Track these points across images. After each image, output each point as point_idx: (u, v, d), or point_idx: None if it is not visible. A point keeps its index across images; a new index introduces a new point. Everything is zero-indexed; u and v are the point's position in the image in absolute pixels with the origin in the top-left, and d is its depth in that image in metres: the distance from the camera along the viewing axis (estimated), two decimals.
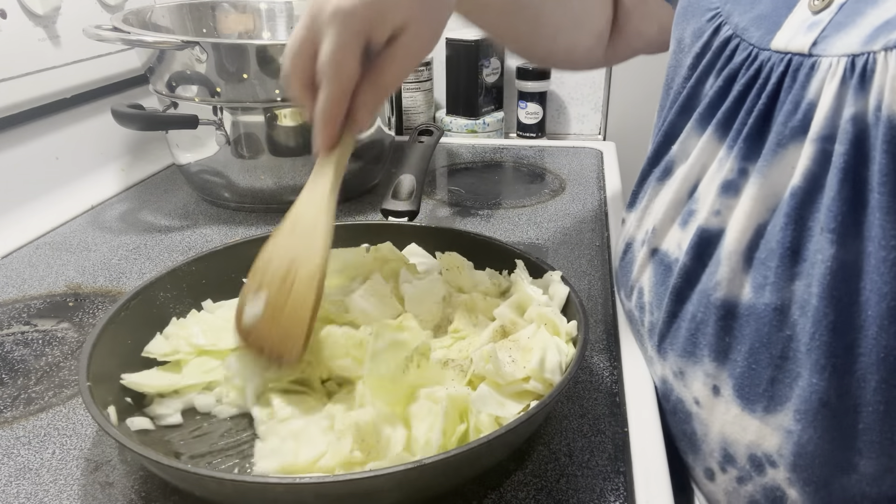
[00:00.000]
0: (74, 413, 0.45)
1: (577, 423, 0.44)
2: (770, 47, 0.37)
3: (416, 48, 0.43)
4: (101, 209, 0.79)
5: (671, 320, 0.42)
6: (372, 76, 0.42)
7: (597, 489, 0.39)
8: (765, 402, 0.37)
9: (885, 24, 0.31)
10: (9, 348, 0.52)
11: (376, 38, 0.41)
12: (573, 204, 0.79)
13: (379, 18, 0.40)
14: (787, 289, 0.35)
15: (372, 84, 0.43)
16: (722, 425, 0.40)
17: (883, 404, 0.33)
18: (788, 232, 0.35)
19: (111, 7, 0.88)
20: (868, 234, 0.32)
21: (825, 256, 0.33)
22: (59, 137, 0.81)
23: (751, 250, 0.37)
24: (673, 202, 0.43)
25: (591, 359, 0.51)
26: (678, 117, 0.44)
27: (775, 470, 0.37)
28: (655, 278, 0.44)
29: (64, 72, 0.80)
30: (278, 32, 0.91)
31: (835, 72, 0.33)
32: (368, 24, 0.40)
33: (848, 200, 0.32)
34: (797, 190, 0.34)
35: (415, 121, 1.09)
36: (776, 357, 0.36)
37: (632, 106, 1.14)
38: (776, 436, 0.36)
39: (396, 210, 0.62)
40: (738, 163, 0.38)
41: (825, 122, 0.33)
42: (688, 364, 0.41)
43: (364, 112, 0.43)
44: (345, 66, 0.41)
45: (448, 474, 0.36)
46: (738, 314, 0.38)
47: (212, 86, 0.69)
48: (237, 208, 0.78)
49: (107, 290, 0.61)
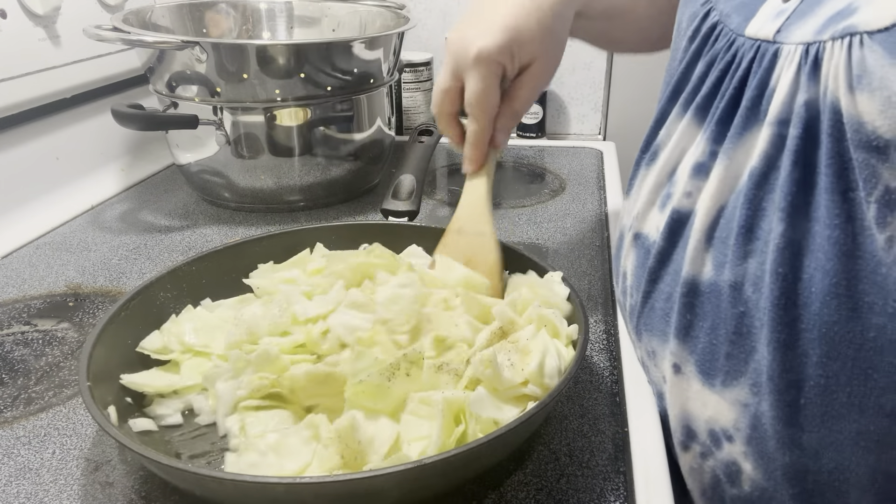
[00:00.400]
0: (74, 413, 0.45)
1: (577, 423, 0.44)
2: (745, 34, 0.38)
3: (540, 78, 0.51)
4: (101, 209, 0.79)
5: (646, 301, 0.43)
6: (506, 104, 0.51)
7: (597, 489, 0.39)
8: (722, 377, 0.38)
9: (836, 15, 0.33)
10: (9, 348, 0.52)
11: (509, 74, 0.50)
12: (573, 204, 0.79)
13: (510, 59, 0.48)
14: (741, 266, 0.36)
15: (507, 111, 0.52)
16: (684, 401, 0.41)
17: (823, 378, 0.34)
18: (745, 211, 0.36)
19: (111, 7, 0.88)
20: (815, 214, 0.33)
21: (775, 234, 0.34)
22: (59, 137, 0.81)
23: (712, 230, 0.38)
24: (654, 185, 0.44)
25: (591, 359, 0.51)
26: (668, 102, 0.45)
27: (731, 444, 0.38)
28: (636, 261, 0.45)
29: (64, 72, 0.80)
30: (278, 32, 0.91)
31: (792, 59, 0.35)
32: (502, 64, 0.48)
33: (798, 182, 0.34)
34: (754, 171, 0.36)
35: (415, 121, 1.09)
36: (732, 332, 0.37)
37: (632, 106, 1.14)
38: (733, 410, 0.37)
39: (396, 210, 0.62)
40: (709, 145, 0.39)
41: (782, 107, 0.35)
42: (659, 343, 0.42)
43: (503, 135, 0.53)
44: (490, 103, 0.50)
45: (448, 474, 0.36)
46: (699, 291, 0.39)
47: (212, 86, 0.69)
48: (237, 208, 0.78)
49: (107, 290, 0.61)
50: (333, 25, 0.90)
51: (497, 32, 0.47)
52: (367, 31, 0.88)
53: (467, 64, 0.48)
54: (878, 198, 0.31)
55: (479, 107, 0.50)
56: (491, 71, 0.48)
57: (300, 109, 0.71)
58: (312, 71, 0.70)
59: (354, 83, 0.74)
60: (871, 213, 0.31)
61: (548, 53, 0.50)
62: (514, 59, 0.49)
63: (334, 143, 0.75)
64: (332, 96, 0.73)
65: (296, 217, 0.76)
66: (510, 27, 0.48)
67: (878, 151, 0.30)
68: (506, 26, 0.48)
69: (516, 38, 0.48)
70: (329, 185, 0.77)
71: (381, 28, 0.85)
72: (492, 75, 0.48)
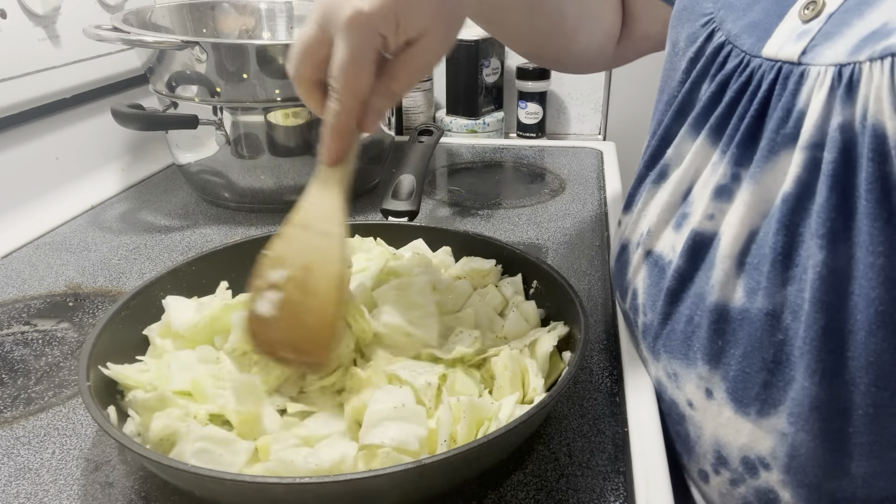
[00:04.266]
0: (74, 413, 0.45)
1: (577, 423, 0.44)
2: (761, 55, 0.38)
3: (429, 56, 0.42)
4: (101, 209, 0.79)
5: (665, 322, 0.43)
6: (383, 82, 0.42)
7: (597, 489, 0.39)
8: (758, 406, 0.37)
9: (871, 35, 0.32)
10: (9, 348, 0.52)
11: (390, 46, 0.40)
12: (573, 204, 0.79)
13: (395, 28, 0.39)
14: (779, 294, 0.35)
15: (382, 90, 0.42)
16: (715, 428, 0.40)
17: (872, 407, 0.33)
18: (780, 238, 0.35)
19: (111, 7, 0.88)
20: (857, 240, 0.32)
21: (815, 262, 0.33)
22: (59, 137, 0.81)
23: (743, 255, 0.37)
24: (667, 205, 0.43)
25: (591, 359, 0.51)
26: (673, 121, 0.44)
27: (768, 472, 0.37)
28: (649, 280, 0.45)
29: (64, 72, 0.80)
30: (278, 32, 0.91)
31: (823, 81, 0.34)
32: (384, 33, 0.39)
33: (836, 207, 0.33)
34: (788, 196, 0.35)
35: (415, 121, 1.09)
36: (769, 361, 0.36)
37: (632, 106, 1.14)
38: (769, 438, 0.37)
39: (396, 210, 0.62)
40: (730, 168, 0.38)
41: (814, 131, 0.34)
42: (681, 366, 0.41)
43: (373, 118, 0.43)
44: (360, 77, 0.40)
45: (448, 474, 0.36)
46: (730, 318, 0.38)
47: (212, 86, 0.69)
48: (237, 208, 0.78)
49: (107, 290, 0.61)
50: None
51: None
52: None
53: (337, 23, 0.39)
54: None
55: (344, 80, 0.40)
56: (365, 38, 0.39)
57: (300, 109, 0.71)
58: None
59: None
60: None
61: (441, 27, 0.41)
62: (398, 28, 0.39)
63: None
64: None
65: None
66: None
67: None
68: None
69: (404, 4, 0.39)
70: None
71: None
72: (365, 44, 0.39)
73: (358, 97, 0.41)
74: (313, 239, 0.43)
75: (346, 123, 0.42)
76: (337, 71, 0.40)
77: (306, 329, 0.41)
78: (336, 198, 0.44)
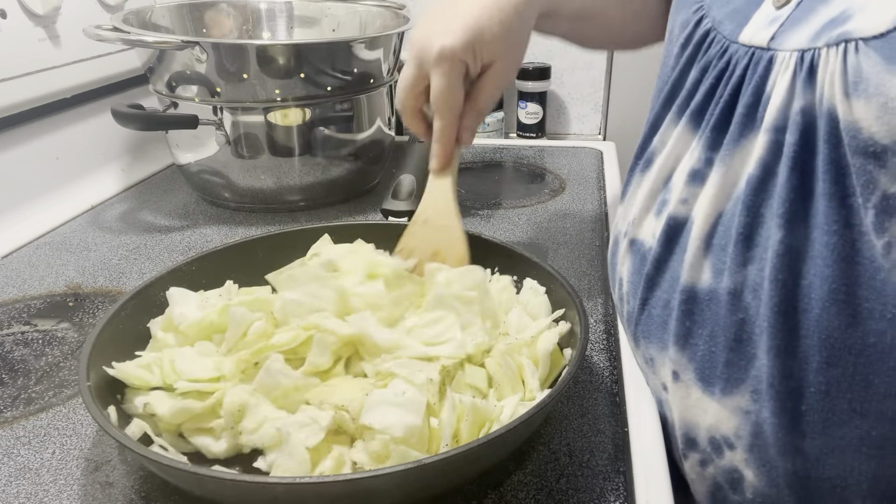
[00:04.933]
0: (74, 413, 0.45)
1: (577, 423, 0.44)
2: (738, 40, 0.39)
3: (502, 77, 0.51)
4: (101, 209, 0.79)
5: (643, 308, 0.43)
6: (469, 103, 0.52)
7: (597, 489, 0.39)
8: (721, 384, 0.38)
9: (831, 22, 0.33)
10: (9, 348, 0.52)
11: (472, 72, 0.50)
12: (573, 204, 0.79)
13: (473, 57, 0.49)
14: (740, 273, 0.36)
15: (470, 110, 0.52)
16: (684, 409, 0.41)
17: (824, 384, 0.34)
18: (743, 218, 0.36)
19: (111, 7, 0.88)
20: (813, 220, 0.33)
21: (774, 241, 0.34)
22: (59, 137, 0.81)
23: (710, 237, 0.38)
24: (650, 192, 0.44)
25: (591, 359, 0.51)
26: (662, 108, 0.45)
27: (733, 452, 0.38)
28: (632, 268, 0.45)
29: (64, 72, 0.80)
30: (278, 32, 0.91)
31: (787, 66, 0.35)
32: (466, 61, 0.49)
33: (796, 188, 0.34)
34: (752, 178, 0.36)
35: None
36: (731, 339, 0.37)
37: (632, 106, 1.14)
38: (733, 418, 0.37)
39: (396, 210, 0.62)
40: (704, 152, 0.39)
41: (778, 114, 0.35)
42: (657, 350, 0.42)
43: (468, 133, 0.53)
44: (454, 100, 0.50)
45: (448, 474, 0.36)
46: (698, 299, 0.39)
47: (212, 86, 0.69)
48: (237, 208, 0.78)
49: (107, 290, 0.61)
50: (333, 25, 0.90)
51: (459, 31, 0.48)
52: (367, 31, 0.88)
53: (431, 61, 0.49)
54: (875, 203, 0.31)
55: (444, 103, 0.50)
56: (454, 68, 0.49)
57: (300, 109, 0.71)
58: (312, 71, 0.70)
59: (354, 83, 0.74)
60: (869, 219, 0.31)
61: (509, 53, 0.51)
62: (476, 57, 0.49)
63: (334, 143, 0.75)
64: (331, 96, 0.73)
65: (296, 217, 0.76)
66: (472, 27, 0.48)
67: (875, 157, 0.30)
68: (468, 26, 0.48)
69: (478, 37, 0.48)
70: (329, 185, 0.77)
71: (381, 28, 0.85)
72: (455, 72, 0.49)
73: (455, 113, 0.51)
74: (436, 231, 0.53)
75: (448, 136, 0.52)
76: (436, 96, 0.50)
77: None
78: (448, 197, 0.54)
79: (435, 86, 0.50)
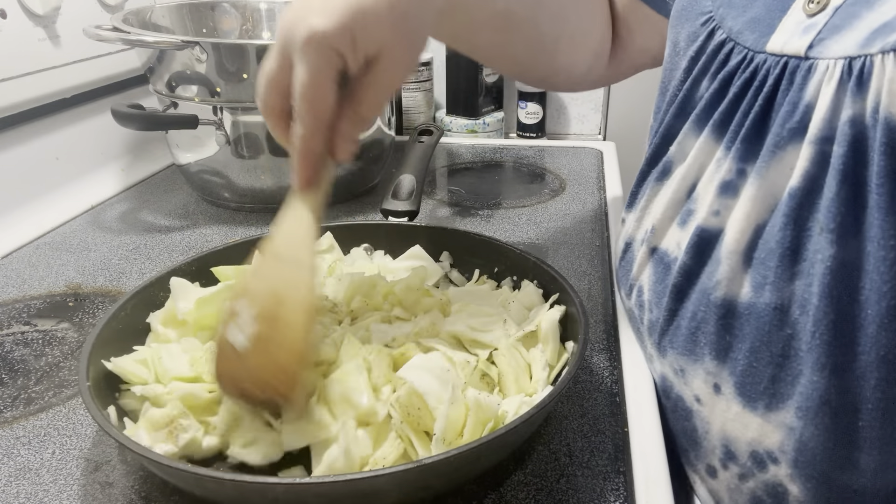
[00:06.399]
0: (74, 413, 0.45)
1: (577, 423, 0.44)
2: (766, 50, 0.37)
3: (391, 76, 0.41)
4: (101, 209, 0.79)
5: (671, 318, 0.43)
6: (350, 107, 0.41)
7: (597, 489, 0.39)
8: (766, 400, 0.37)
9: (883, 27, 0.32)
10: (9, 348, 0.52)
11: (351, 66, 0.39)
12: (573, 204, 0.79)
13: (351, 45, 0.38)
14: (787, 288, 0.35)
15: (350, 115, 0.41)
16: (723, 423, 0.40)
17: (882, 402, 0.33)
18: (787, 232, 0.35)
19: (111, 7, 0.88)
20: (868, 233, 0.32)
21: (825, 256, 0.33)
22: (59, 137, 0.81)
23: (750, 250, 0.37)
24: (672, 202, 0.43)
25: (591, 359, 0.51)
26: (675, 119, 0.44)
27: (777, 466, 0.37)
28: (655, 276, 0.45)
29: (64, 72, 0.80)
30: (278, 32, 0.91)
31: (832, 74, 0.33)
32: (342, 51, 0.38)
33: (847, 201, 0.33)
34: (795, 191, 0.35)
35: (415, 121, 1.09)
36: (777, 355, 0.36)
37: (632, 106, 1.14)
38: (778, 433, 0.37)
39: (396, 210, 0.62)
40: (736, 163, 0.38)
41: (823, 124, 0.34)
42: (688, 362, 0.41)
43: (345, 143, 0.41)
44: (319, 98, 0.39)
45: (448, 474, 0.36)
46: (737, 313, 0.38)
47: (212, 86, 0.69)
48: (237, 208, 0.78)
49: (107, 290, 0.61)
50: None
51: (336, 12, 0.37)
52: None
53: (295, 47, 0.38)
54: None
55: (304, 102, 0.39)
56: (323, 58, 0.38)
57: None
58: None
59: None
60: None
61: (400, 44, 0.40)
62: (356, 46, 0.38)
63: None
64: None
65: None
66: (354, 8, 0.38)
67: None
68: (348, 5, 0.38)
69: (360, 21, 0.38)
70: None
71: None
72: (324, 64, 0.38)
73: (320, 118, 0.40)
74: (284, 268, 0.41)
75: (312, 146, 0.40)
76: (297, 93, 0.39)
77: (274, 362, 0.38)
78: (307, 225, 0.42)
79: (297, 78, 0.39)
